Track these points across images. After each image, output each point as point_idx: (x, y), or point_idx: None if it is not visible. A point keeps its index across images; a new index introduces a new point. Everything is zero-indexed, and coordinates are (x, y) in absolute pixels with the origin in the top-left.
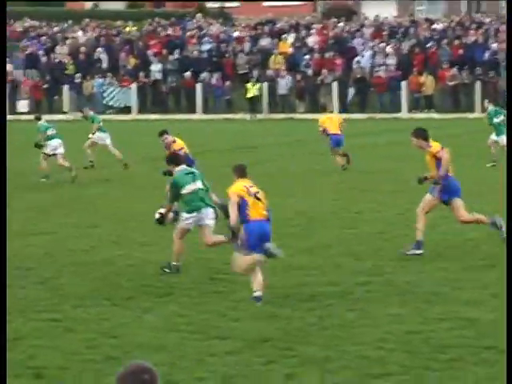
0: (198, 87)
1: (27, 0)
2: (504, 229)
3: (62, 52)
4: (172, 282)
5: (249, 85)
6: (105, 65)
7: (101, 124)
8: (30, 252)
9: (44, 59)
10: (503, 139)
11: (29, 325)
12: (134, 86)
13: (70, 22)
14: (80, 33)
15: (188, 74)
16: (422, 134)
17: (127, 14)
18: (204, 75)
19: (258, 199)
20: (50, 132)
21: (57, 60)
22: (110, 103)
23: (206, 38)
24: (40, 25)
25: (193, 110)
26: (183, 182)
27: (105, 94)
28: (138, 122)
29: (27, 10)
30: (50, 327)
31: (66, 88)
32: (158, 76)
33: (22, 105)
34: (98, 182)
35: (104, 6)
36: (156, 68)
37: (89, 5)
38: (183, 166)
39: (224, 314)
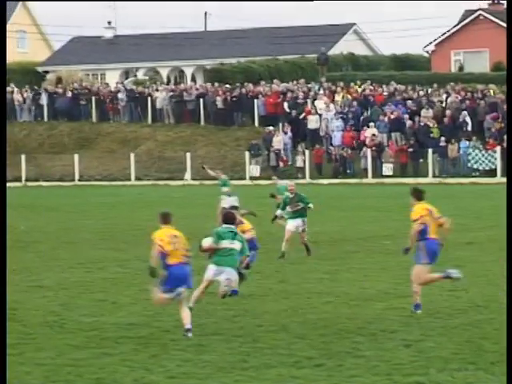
0: None
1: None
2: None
3: (426, 115)
4: None
5: None
6: (469, 128)
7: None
8: (394, 314)
9: (409, 123)
10: None
11: None
12: (498, 148)
13: (435, 85)
14: (444, 96)
15: None
16: (414, 194)
17: (492, 77)
18: None
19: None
20: None
21: (422, 123)
22: (475, 166)
23: None
24: (406, 88)
25: None
26: None
27: (469, 157)
28: (503, 185)
29: (393, 74)
30: None
31: (430, 151)
32: None
33: (387, 168)
34: (463, 244)
35: (469, 69)
36: None
37: (453, 68)
38: None
39: None
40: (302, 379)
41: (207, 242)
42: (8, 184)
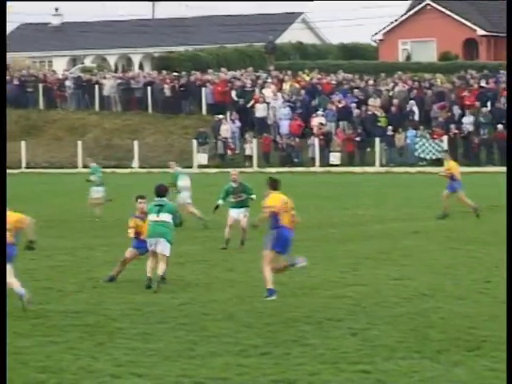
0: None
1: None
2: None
3: (374, 104)
4: (483, 336)
5: None
6: (417, 117)
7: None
8: (340, 303)
9: (356, 112)
10: None
11: (342, 375)
12: (445, 138)
13: (382, 74)
14: (392, 85)
15: (501, 126)
16: (269, 183)
17: (439, 66)
18: None
19: None
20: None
21: (369, 112)
22: (422, 155)
23: None
24: (353, 77)
25: (505, 163)
26: None
27: (417, 146)
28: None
29: (341, 63)
30: (360, 378)
31: (377, 140)
32: (470, 128)
33: (335, 157)
34: (410, 234)
35: (416, 58)
36: (468, 120)
37: (401, 57)
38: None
39: None
40: (248, 367)
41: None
42: None
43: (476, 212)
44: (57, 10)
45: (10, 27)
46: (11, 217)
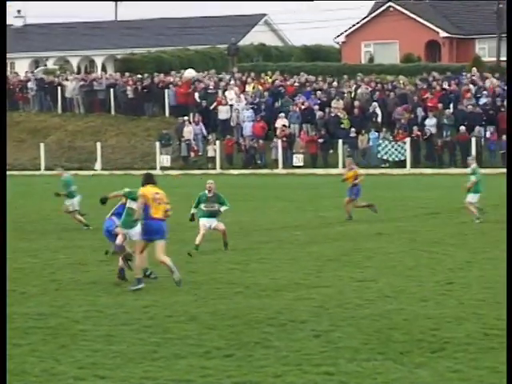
0: (473, 141)
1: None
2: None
3: (337, 106)
4: (446, 337)
5: None
6: (379, 119)
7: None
8: (304, 305)
9: (320, 114)
10: None
11: (305, 377)
12: (408, 140)
13: (345, 76)
14: (354, 87)
15: (463, 128)
16: (143, 178)
17: (402, 68)
18: (478, 129)
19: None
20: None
21: (332, 114)
22: (385, 157)
23: (484, 92)
24: (316, 79)
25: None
26: None
27: (379, 148)
28: (412, 176)
29: (304, 65)
30: (323, 380)
31: (340, 142)
32: (433, 130)
33: (298, 159)
34: (373, 235)
35: (379, 60)
36: (431, 122)
37: (364, 59)
38: None
39: (499, 370)
40: (211, 369)
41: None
42: None
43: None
44: (19, 11)
45: None
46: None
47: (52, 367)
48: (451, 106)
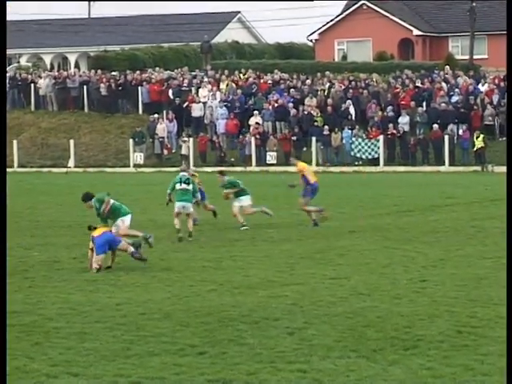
0: (446, 139)
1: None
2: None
3: (310, 104)
4: (419, 335)
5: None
6: (353, 117)
7: None
8: (277, 302)
9: (293, 111)
10: None
11: (279, 374)
12: (381, 137)
13: (318, 74)
14: (328, 85)
15: (436, 126)
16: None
17: (375, 66)
18: (451, 127)
19: None
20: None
21: (306, 112)
22: (358, 155)
23: (456, 90)
24: (290, 77)
25: (441, 162)
26: None
27: (353, 146)
28: (385, 174)
29: (277, 62)
30: (297, 378)
31: (314, 140)
32: (406, 128)
33: (271, 157)
34: (345, 233)
35: (352, 58)
36: (404, 120)
37: (337, 57)
38: None
39: (472, 367)
40: (185, 367)
41: None
42: None
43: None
44: None
45: None
46: None
47: (25, 365)
48: (424, 103)
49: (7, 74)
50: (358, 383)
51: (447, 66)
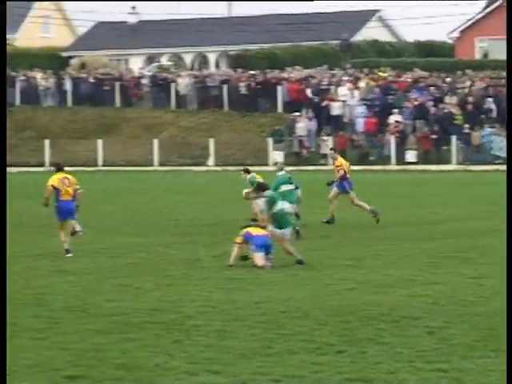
0: None
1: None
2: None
3: (450, 102)
4: None
5: None
6: (494, 115)
7: None
8: (418, 301)
9: (433, 110)
10: None
11: (418, 374)
12: None
13: (458, 72)
14: (468, 83)
15: None
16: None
17: None
18: None
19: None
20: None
21: (446, 110)
22: (498, 153)
23: None
24: (430, 75)
25: None
26: None
27: (493, 144)
28: None
29: (417, 60)
30: (437, 377)
31: (454, 138)
32: None
33: (411, 155)
34: (486, 232)
35: (493, 56)
36: None
37: (478, 55)
38: None
39: None
40: (324, 365)
41: None
42: (31, 169)
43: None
44: (133, 8)
45: (86, 26)
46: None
47: (165, 362)
48: None
49: (148, 74)
50: (498, 383)
51: None
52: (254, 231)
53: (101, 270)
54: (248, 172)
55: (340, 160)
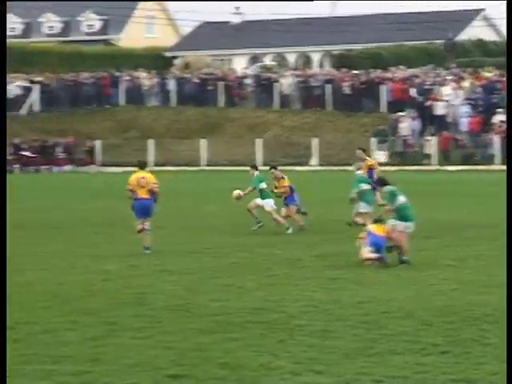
0: None
1: None
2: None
3: None
4: None
5: None
6: None
7: None
8: None
9: None
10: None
11: None
12: None
13: None
14: None
15: None
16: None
17: None
18: None
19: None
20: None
21: None
22: None
23: None
24: None
25: None
26: None
27: None
28: None
29: None
30: None
31: None
32: None
33: None
34: None
35: None
36: None
37: None
38: None
39: None
40: (428, 366)
41: None
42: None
43: None
44: (237, 8)
45: (189, 26)
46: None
47: (269, 362)
48: None
49: (251, 73)
50: None
51: None
52: (375, 229)
53: (203, 270)
54: (256, 168)
55: (371, 160)
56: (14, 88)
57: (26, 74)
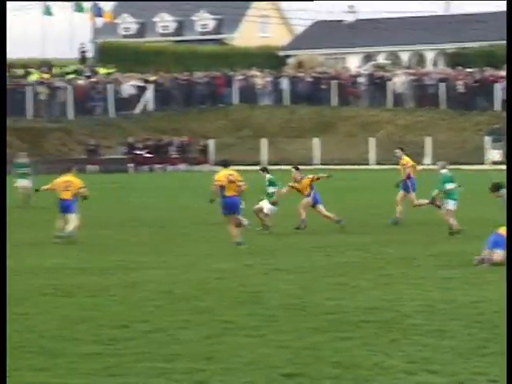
0: None
1: None
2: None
3: None
4: None
5: None
6: None
7: None
8: None
9: None
10: None
11: None
12: None
13: None
14: None
15: None
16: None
17: None
18: None
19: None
20: None
21: None
22: None
23: None
24: None
25: None
26: None
27: None
28: None
29: None
30: None
31: None
32: None
33: None
34: None
35: None
36: None
37: None
38: None
39: None
40: None
41: None
42: (246, 168)
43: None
44: (351, 7)
45: (302, 25)
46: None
47: (382, 361)
48: None
49: (365, 72)
50: None
51: None
52: (501, 230)
53: (317, 268)
54: (267, 171)
55: (406, 159)
56: (128, 87)
57: (141, 74)
